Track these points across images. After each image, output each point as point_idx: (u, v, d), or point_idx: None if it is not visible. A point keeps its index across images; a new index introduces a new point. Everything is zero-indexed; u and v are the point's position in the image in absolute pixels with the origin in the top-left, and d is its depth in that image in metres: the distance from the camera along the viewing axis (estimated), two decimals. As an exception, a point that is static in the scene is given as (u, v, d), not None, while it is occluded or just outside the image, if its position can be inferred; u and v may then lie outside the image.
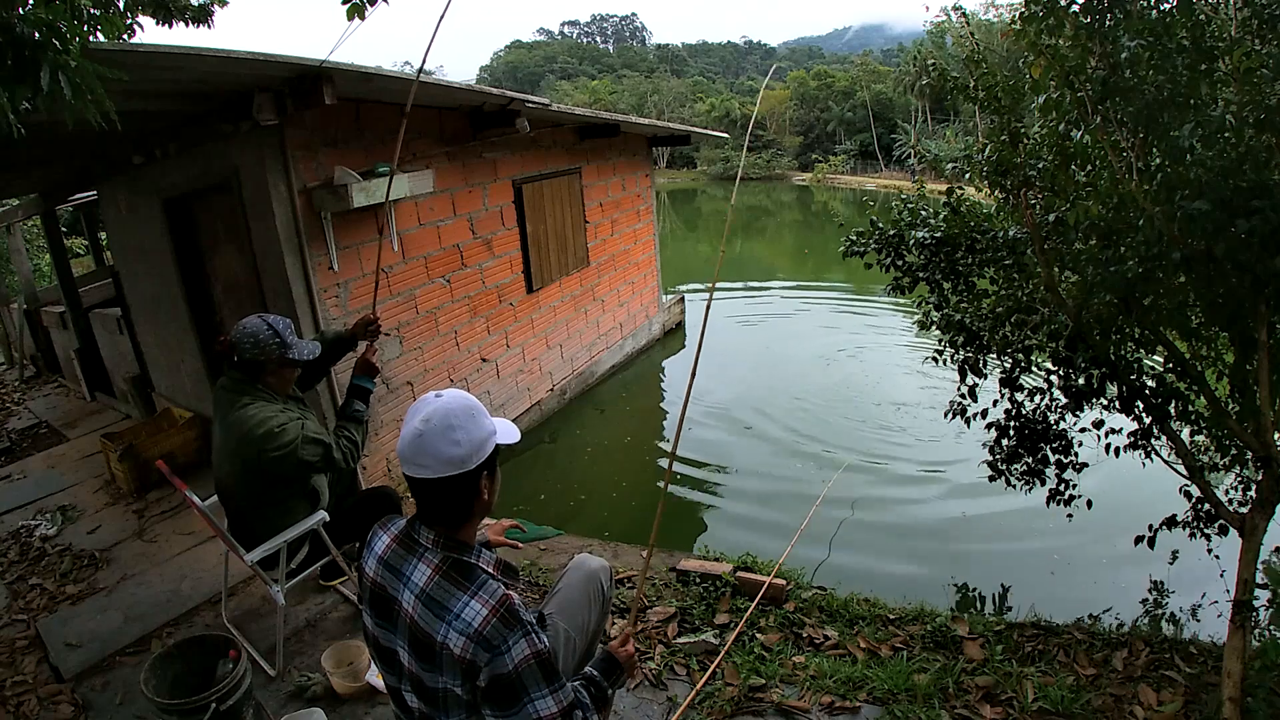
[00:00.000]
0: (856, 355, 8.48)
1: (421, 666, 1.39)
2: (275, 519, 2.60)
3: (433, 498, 1.40)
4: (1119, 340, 2.69)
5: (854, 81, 47.90)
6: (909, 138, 37.71)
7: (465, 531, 1.46)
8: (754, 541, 3.89)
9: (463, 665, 1.33)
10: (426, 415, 1.37)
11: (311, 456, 2.46)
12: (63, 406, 6.73)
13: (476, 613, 1.33)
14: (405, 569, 1.43)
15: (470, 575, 1.40)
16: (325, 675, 2.60)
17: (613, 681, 1.62)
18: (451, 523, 1.44)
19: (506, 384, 5.86)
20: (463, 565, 1.41)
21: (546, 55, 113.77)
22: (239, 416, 2.46)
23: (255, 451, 2.42)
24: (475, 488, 1.41)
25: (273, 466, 2.44)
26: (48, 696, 2.73)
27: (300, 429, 2.46)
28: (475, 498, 1.43)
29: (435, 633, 1.35)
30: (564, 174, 6.49)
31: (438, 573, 1.39)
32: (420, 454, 1.36)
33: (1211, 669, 2.53)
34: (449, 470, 1.36)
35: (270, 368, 2.53)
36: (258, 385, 2.54)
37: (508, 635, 1.32)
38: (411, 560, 1.43)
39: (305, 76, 3.30)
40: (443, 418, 1.36)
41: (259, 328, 2.50)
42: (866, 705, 2.43)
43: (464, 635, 1.32)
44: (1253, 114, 1.90)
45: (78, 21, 1.92)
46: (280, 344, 2.51)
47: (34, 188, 6.83)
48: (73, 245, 12.77)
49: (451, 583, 1.38)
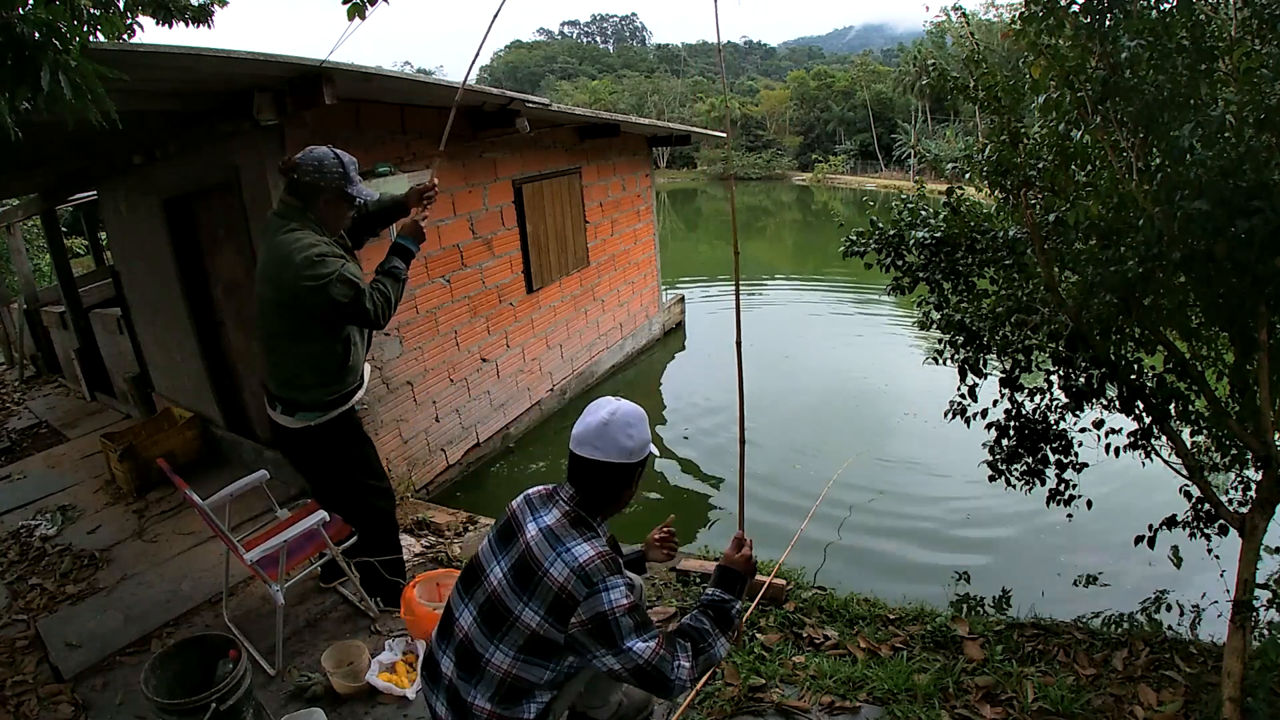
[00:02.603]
0: (857, 354, 8.48)
1: (513, 585, 1.58)
2: (303, 361, 2.53)
3: (596, 478, 1.63)
4: (1119, 340, 2.68)
5: (854, 81, 47.93)
6: (909, 138, 37.71)
7: (603, 513, 1.68)
8: (754, 541, 3.88)
9: (557, 594, 1.51)
10: (613, 409, 1.63)
11: (341, 296, 2.36)
12: (63, 406, 6.73)
13: (585, 552, 1.54)
14: (541, 509, 1.67)
15: (590, 529, 1.63)
16: (325, 675, 2.59)
17: (736, 593, 1.76)
18: (601, 502, 1.66)
19: (506, 384, 5.86)
20: (586, 521, 1.64)
21: (546, 55, 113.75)
22: (283, 239, 2.39)
23: (292, 275, 2.35)
24: (630, 479, 1.66)
25: (306, 297, 2.36)
26: (48, 696, 2.73)
27: (340, 265, 2.38)
28: (626, 487, 1.67)
29: (544, 559, 1.55)
30: (564, 174, 6.49)
31: (566, 518, 1.62)
32: (601, 438, 1.60)
33: (1211, 669, 2.53)
34: (620, 458, 1.61)
35: (326, 195, 2.45)
36: (309, 214, 2.47)
37: (608, 576, 1.52)
38: (549, 506, 1.67)
39: (305, 76, 3.30)
40: (625, 415, 1.62)
41: (326, 153, 2.45)
42: (866, 705, 2.43)
43: (569, 567, 1.52)
44: (1253, 114, 1.89)
45: (78, 21, 1.92)
46: (343, 175, 2.45)
47: (34, 188, 6.82)
48: (73, 245, 12.76)
49: (573, 526, 1.60)
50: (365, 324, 2.49)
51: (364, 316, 2.42)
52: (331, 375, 2.59)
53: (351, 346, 2.60)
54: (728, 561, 1.80)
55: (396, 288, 2.51)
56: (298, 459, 2.82)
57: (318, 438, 2.68)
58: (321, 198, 2.46)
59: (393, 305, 2.49)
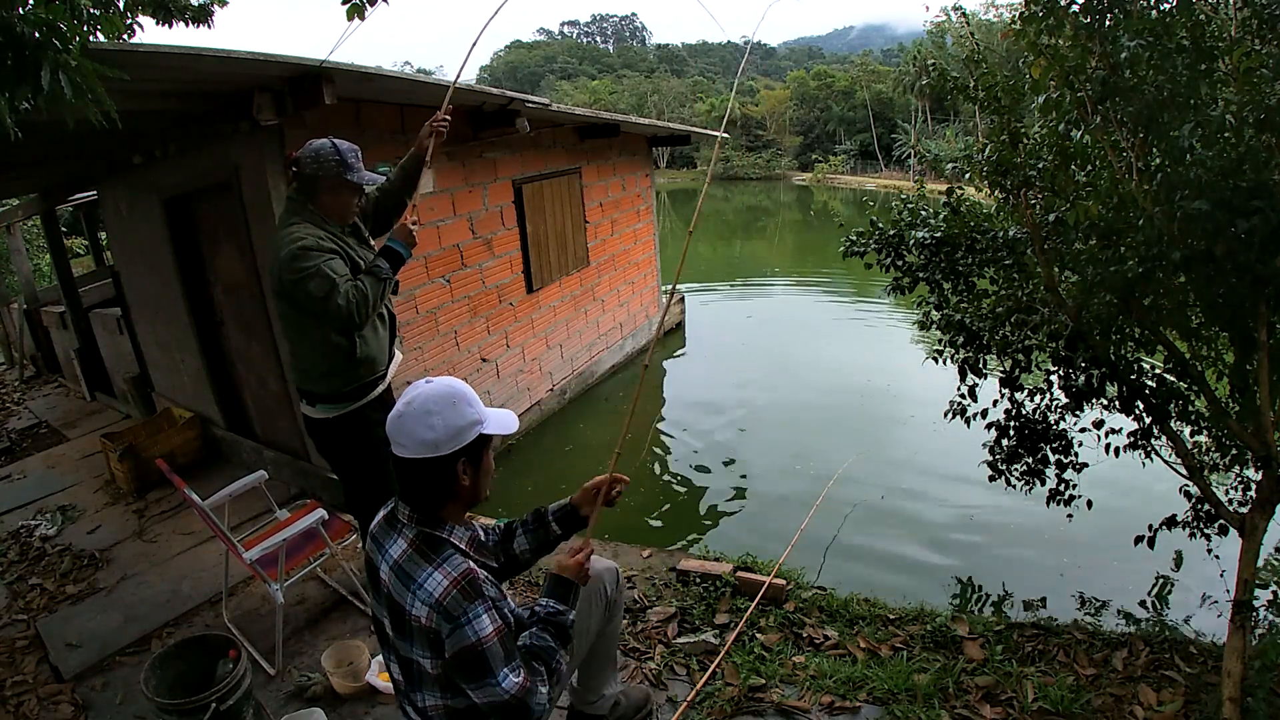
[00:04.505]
0: (857, 354, 8.49)
1: (397, 636, 1.48)
2: (312, 352, 2.55)
3: (409, 477, 1.49)
4: (1119, 340, 2.68)
5: (854, 81, 47.95)
6: (909, 138, 37.72)
7: (447, 513, 1.54)
8: (754, 541, 3.89)
9: (428, 636, 1.41)
10: (410, 398, 1.46)
11: (316, 291, 2.34)
12: (63, 406, 6.73)
13: (438, 584, 1.41)
14: (386, 543, 1.53)
15: (438, 549, 1.48)
16: (325, 675, 2.60)
17: (570, 603, 1.63)
18: (428, 504, 1.52)
19: (506, 384, 5.86)
20: (433, 539, 1.49)
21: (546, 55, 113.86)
22: (280, 234, 2.43)
23: (278, 269, 2.39)
24: (452, 473, 1.48)
25: (291, 290, 2.38)
26: (48, 696, 2.73)
27: (321, 260, 2.36)
28: (453, 482, 1.49)
29: (404, 603, 1.43)
30: (564, 174, 6.49)
31: (411, 546, 1.48)
32: (399, 434, 1.45)
33: (1211, 669, 2.53)
34: (423, 452, 1.44)
35: (326, 185, 2.46)
36: (311, 206, 2.48)
37: (467, 607, 1.39)
38: (392, 535, 1.53)
39: (305, 76, 3.30)
40: (423, 402, 1.45)
41: (323, 144, 2.46)
42: (866, 705, 2.43)
43: (427, 605, 1.40)
44: (1253, 114, 1.89)
45: (78, 21, 1.92)
46: (339, 163, 2.45)
47: (34, 188, 6.83)
48: (73, 245, 12.77)
49: (420, 555, 1.47)
50: (339, 322, 2.44)
51: (336, 314, 2.38)
52: (341, 366, 2.59)
53: (358, 338, 2.58)
54: (559, 569, 1.65)
55: (377, 286, 2.48)
56: (323, 451, 2.84)
57: (339, 430, 2.68)
58: (322, 188, 2.47)
59: (370, 303, 2.44)
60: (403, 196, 2.82)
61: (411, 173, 2.79)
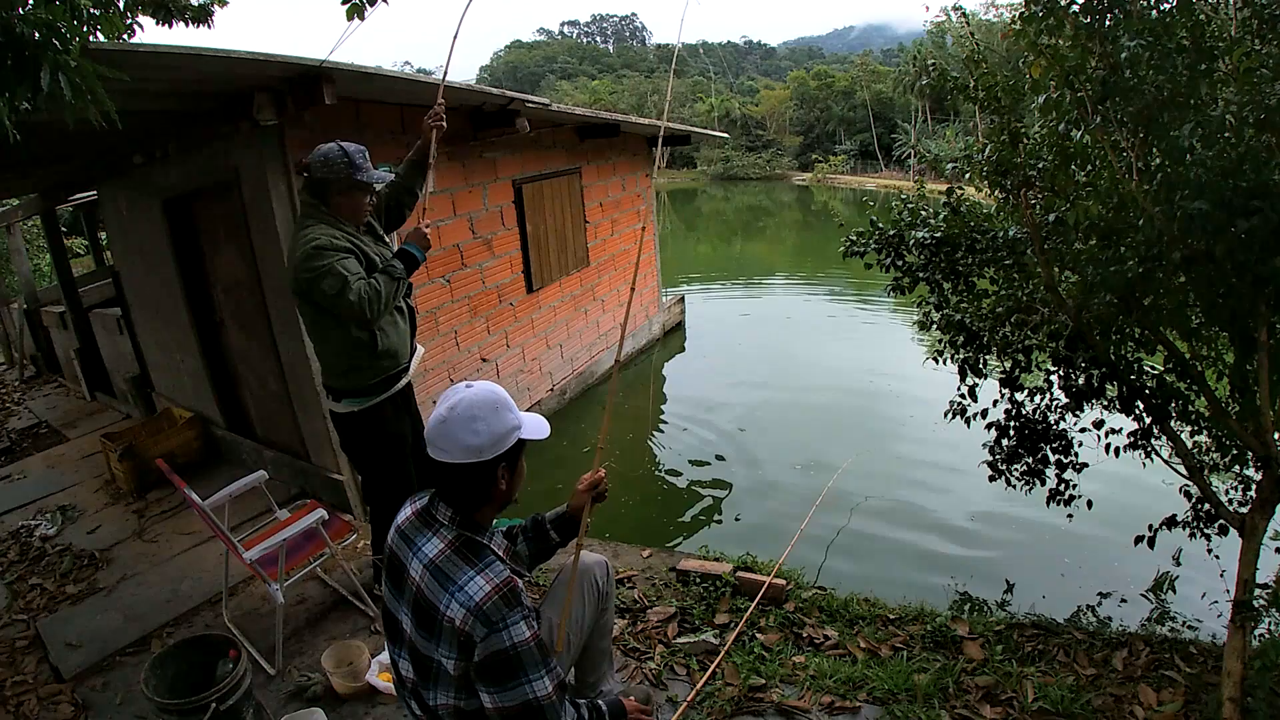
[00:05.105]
0: (857, 354, 8.48)
1: (421, 635, 1.46)
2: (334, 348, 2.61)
3: (451, 481, 1.48)
4: (1119, 340, 2.68)
5: (854, 81, 47.94)
6: (909, 138, 37.70)
7: (482, 515, 1.54)
8: (754, 541, 3.89)
9: (460, 638, 1.40)
10: (453, 403, 1.45)
11: (329, 288, 2.41)
12: (63, 406, 6.73)
13: (480, 588, 1.40)
14: (419, 540, 1.51)
15: (480, 554, 1.47)
16: (325, 675, 2.59)
17: None
18: (467, 506, 1.51)
19: (506, 384, 5.84)
20: (474, 544, 1.48)
21: (546, 55, 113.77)
22: (297, 236, 2.52)
23: (294, 269, 2.48)
24: (492, 477, 1.49)
25: (305, 289, 2.46)
26: (48, 696, 2.73)
27: (335, 259, 2.43)
28: (492, 486, 1.50)
29: (439, 602, 1.42)
30: (564, 174, 6.49)
31: (450, 547, 1.47)
32: (442, 439, 1.44)
33: (1211, 669, 2.53)
34: (467, 458, 1.44)
35: (338, 188, 2.55)
36: (324, 208, 2.56)
37: (507, 614, 1.39)
38: (426, 533, 1.51)
39: (305, 76, 3.30)
40: (467, 408, 1.44)
41: (331, 148, 2.54)
42: (866, 705, 2.43)
43: (465, 608, 1.38)
44: (1253, 114, 1.89)
45: (78, 21, 1.92)
46: (348, 164, 2.53)
47: (34, 188, 6.83)
48: (73, 245, 12.77)
49: (461, 558, 1.45)
50: (352, 318, 2.50)
51: (349, 310, 2.44)
52: (364, 360, 2.63)
53: (378, 331, 2.63)
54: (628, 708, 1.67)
55: (390, 285, 2.54)
56: (346, 446, 2.88)
57: (363, 424, 2.72)
58: (334, 190, 2.56)
59: (383, 300, 2.50)
60: (413, 186, 2.89)
61: (418, 162, 2.86)
